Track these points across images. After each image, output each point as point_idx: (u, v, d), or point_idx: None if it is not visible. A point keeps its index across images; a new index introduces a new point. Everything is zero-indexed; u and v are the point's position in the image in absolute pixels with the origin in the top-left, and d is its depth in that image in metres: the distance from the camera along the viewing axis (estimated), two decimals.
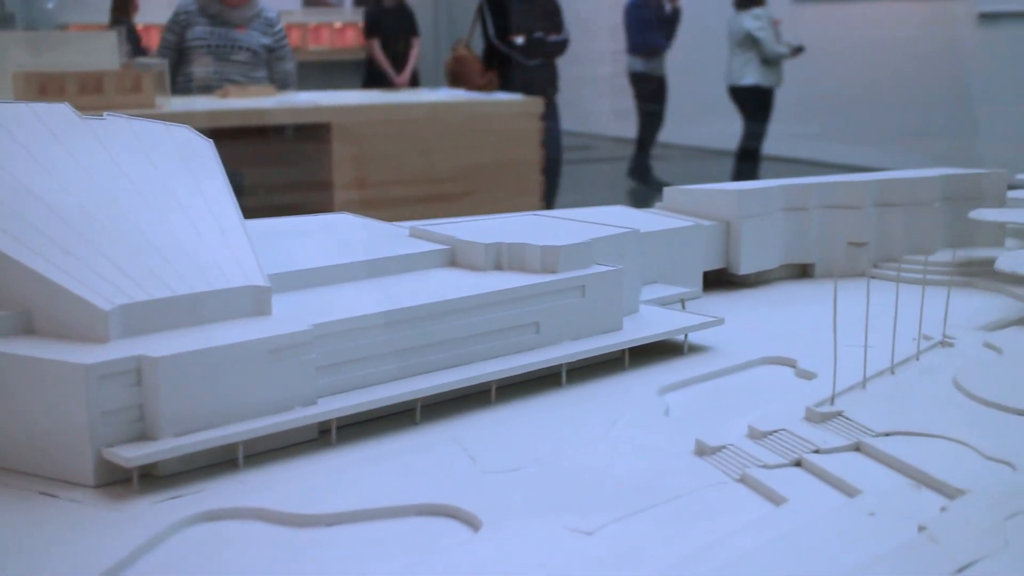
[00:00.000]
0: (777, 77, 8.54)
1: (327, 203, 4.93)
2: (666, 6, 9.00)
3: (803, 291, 2.01)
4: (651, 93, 9.12)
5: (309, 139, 5.19)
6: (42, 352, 1.13)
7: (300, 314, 1.28)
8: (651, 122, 9.29)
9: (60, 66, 4.47)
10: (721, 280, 2.01)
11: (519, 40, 6.80)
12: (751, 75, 8.45)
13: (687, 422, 1.33)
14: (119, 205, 1.30)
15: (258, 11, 5.70)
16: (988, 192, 2.17)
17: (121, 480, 1.13)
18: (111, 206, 1.29)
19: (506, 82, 6.34)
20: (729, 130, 8.87)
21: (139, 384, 1.12)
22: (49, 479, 1.13)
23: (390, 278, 1.48)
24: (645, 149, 9.28)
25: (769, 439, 1.22)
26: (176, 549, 1.03)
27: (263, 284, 1.28)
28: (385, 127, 5.17)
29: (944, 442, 1.20)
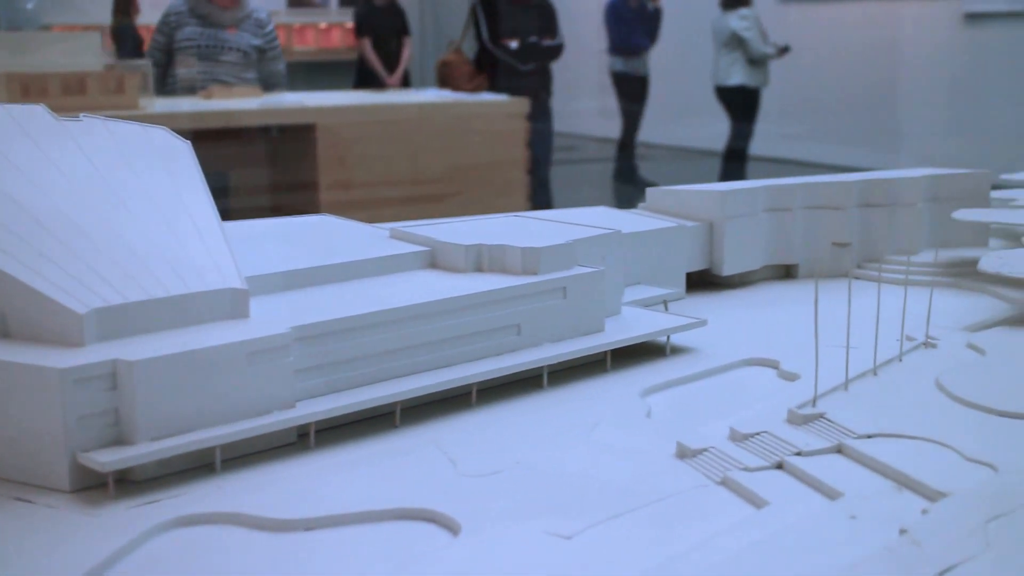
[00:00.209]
0: (763, 77, 8.57)
1: (312, 204, 4.92)
2: (647, 5, 9.01)
3: (787, 292, 2.00)
4: (633, 93, 9.13)
5: (294, 140, 5.18)
6: (16, 356, 1.12)
7: (278, 317, 1.27)
8: (634, 122, 9.31)
9: (43, 67, 4.46)
10: (704, 281, 2.01)
11: (512, 44, 6.79)
12: (737, 75, 8.48)
13: (669, 424, 1.32)
14: (95, 207, 1.29)
15: (248, 12, 5.69)
16: (972, 192, 2.17)
17: (97, 485, 1.12)
18: (87, 208, 1.28)
19: (498, 86, 6.31)
20: (716, 130, 8.89)
21: (115, 388, 1.11)
22: (24, 484, 1.12)
23: (370, 280, 1.47)
24: (628, 149, 9.30)
25: (751, 441, 1.21)
26: (153, 554, 1.01)
27: (241, 287, 1.26)
28: (370, 128, 5.17)
29: (926, 444, 1.20)
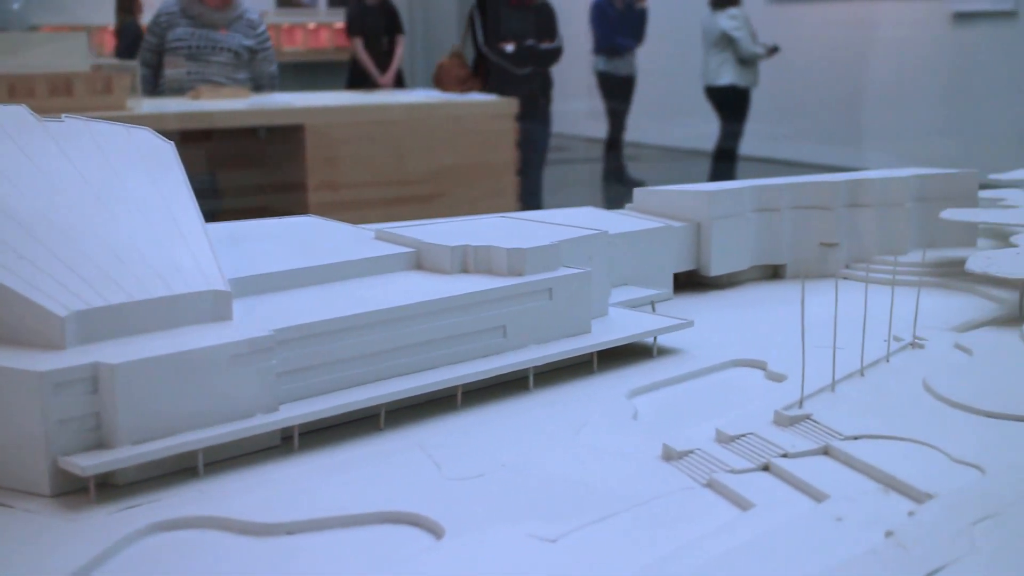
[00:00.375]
0: (753, 77, 8.57)
1: (301, 205, 4.91)
2: (633, 5, 9.01)
3: (774, 292, 2.00)
4: (617, 93, 9.13)
5: (283, 141, 5.17)
6: None
7: (261, 319, 1.26)
8: (619, 122, 9.32)
9: (30, 68, 4.43)
10: (692, 282, 2.00)
11: (509, 48, 6.76)
12: (727, 75, 8.48)
13: (655, 426, 1.32)
14: (76, 209, 1.27)
15: (240, 13, 5.67)
16: (960, 192, 2.16)
17: (78, 489, 1.11)
18: (68, 210, 1.27)
19: (495, 91, 6.27)
20: (706, 130, 8.89)
21: (96, 391, 1.10)
22: (4, 489, 1.11)
23: (354, 282, 1.46)
24: (616, 149, 9.30)
25: (737, 443, 1.21)
26: (134, 559, 1.01)
27: (223, 289, 1.25)
28: (359, 128, 5.16)
29: (913, 445, 1.19)
